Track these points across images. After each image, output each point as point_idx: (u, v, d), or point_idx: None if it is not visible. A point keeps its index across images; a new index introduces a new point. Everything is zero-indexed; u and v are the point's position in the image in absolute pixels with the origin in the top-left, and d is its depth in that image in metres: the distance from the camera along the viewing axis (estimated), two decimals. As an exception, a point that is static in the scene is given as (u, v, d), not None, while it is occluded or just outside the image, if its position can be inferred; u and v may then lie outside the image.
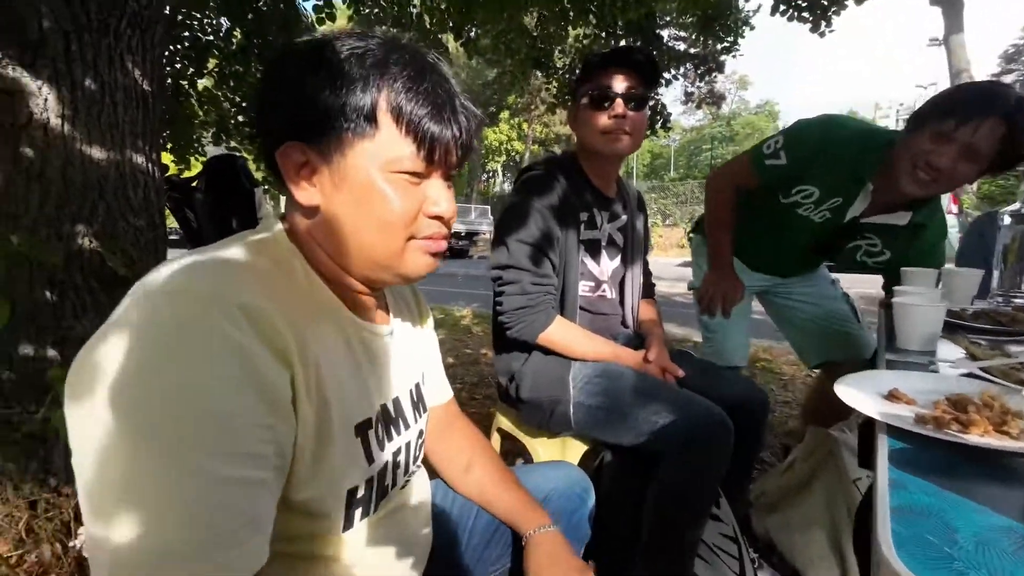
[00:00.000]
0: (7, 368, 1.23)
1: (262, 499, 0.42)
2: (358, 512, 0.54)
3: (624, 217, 1.26)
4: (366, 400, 0.55)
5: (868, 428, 0.96)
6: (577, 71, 1.23)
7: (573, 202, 1.15)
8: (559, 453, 1.19)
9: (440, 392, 0.82)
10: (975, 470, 0.47)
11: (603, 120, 1.12)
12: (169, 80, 2.92)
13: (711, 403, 0.98)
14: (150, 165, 1.48)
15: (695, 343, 3.66)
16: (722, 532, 1.11)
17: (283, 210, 0.57)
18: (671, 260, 12.14)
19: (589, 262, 1.19)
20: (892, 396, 0.61)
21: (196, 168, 3.48)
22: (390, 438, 0.59)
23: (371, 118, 0.48)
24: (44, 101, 1.21)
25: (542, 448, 1.20)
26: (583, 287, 1.19)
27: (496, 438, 1.38)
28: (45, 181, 1.23)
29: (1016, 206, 1.52)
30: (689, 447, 0.94)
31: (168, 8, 1.50)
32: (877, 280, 1.46)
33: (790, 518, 1.34)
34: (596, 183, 1.21)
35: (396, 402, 0.61)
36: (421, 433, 0.67)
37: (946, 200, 7.54)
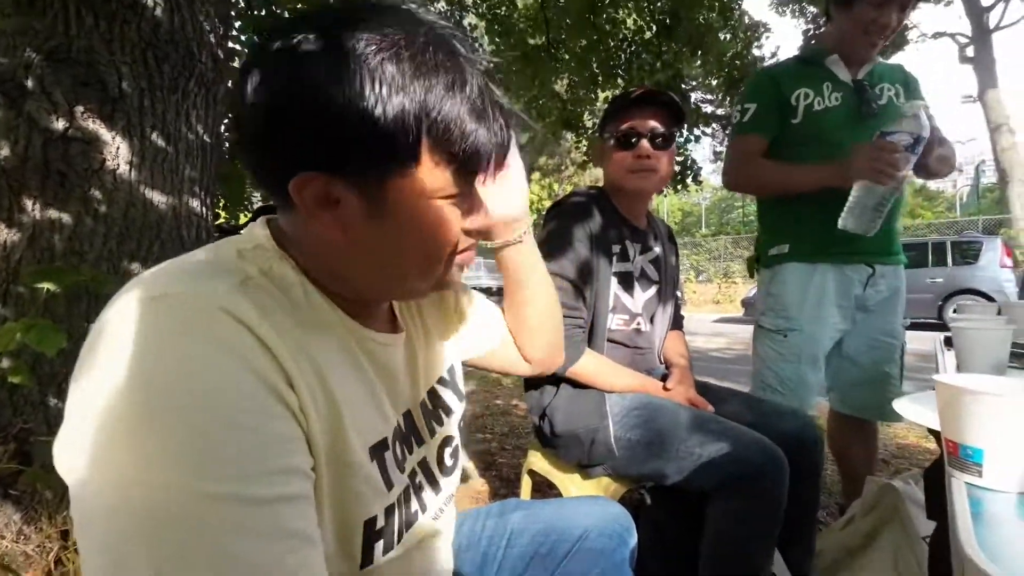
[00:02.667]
0: (55, 397, 1.27)
1: (307, 513, 0.37)
2: (379, 546, 0.48)
3: (657, 250, 1.26)
4: (381, 418, 0.50)
5: (934, 476, 0.87)
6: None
7: (605, 234, 1.15)
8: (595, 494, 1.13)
9: (500, 321, 0.78)
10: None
11: (629, 159, 1.15)
12: (227, 144, 3.17)
13: (762, 436, 0.92)
14: (204, 209, 1.58)
15: (736, 397, 3.48)
16: (776, 590, 1.01)
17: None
18: (706, 316, 11.84)
19: (623, 295, 1.18)
20: None
21: (245, 220, 3.70)
22: (406, 457, 0.54)
23: (416, 140, 0.39)
24: (116, 149, 1.33)
25: (576, 489, 1.14)
26: (617, 320, 1.17)
27: (527, 481, 1.33)
28: (110, 221, 1.33)
29: None
30: (739, 482, 0.88)
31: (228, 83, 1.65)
32: (932, 336, 1.34)
33: (853, 581, 1.21)
34: (627, 216, 1.22)
35: (407, 416, 0.56)
36: (449, 440, 0.62)
37: (999, 253, 7.26)
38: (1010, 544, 0.34)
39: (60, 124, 1.24)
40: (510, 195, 0.64)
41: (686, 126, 5.57)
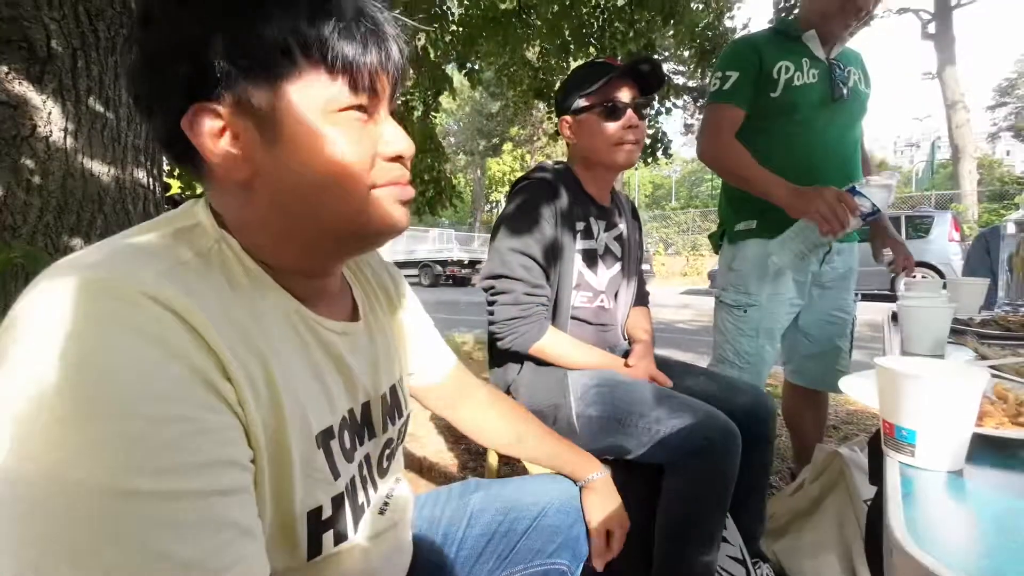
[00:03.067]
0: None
1: (245, 506, 0.36)
2: (328, 537, 0.47)
3: (621, 227, 1.25)
4: (328, 406, 0.48)
5: (878, 444, 0.92)
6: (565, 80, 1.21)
7: (570, 212, 1.14)
8: (557, 470, 1.15)
9: (442, 362, 0.79)
10: (991, 460, 0.44)
11: (615, 131, 1.11)
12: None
13: (715, 409, 0.95)
14: (151, 180, 1.49)
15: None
16: (729, 555, 1.06)
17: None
18: (674, 288, 12.11)
19: (586, 272, 1.18)
20: None
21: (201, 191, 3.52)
22: (356, 448, 0.52)
23: (285, 50, 0.40)
24: (48, 114, 1.23)
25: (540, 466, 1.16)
26: (581, 298, 1.18)
27: (493, 456, 1.34)
28: (45, 193, 1.24)
29: (1020, 214, 1.52)
30: (692, 456, 0.90)
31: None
32: (885, 308, 1.41)
33: (799, 543, 1.28)
34: (592, 193, 1.20)
35: (366, 407, 0.55)
36: (389, 443, 0.60)
37: (948, 227, 7.62)
38: (937, 522, 0.36)
39: (-19, 86, 1.14)
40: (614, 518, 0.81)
41: (657, 99, 5.55)
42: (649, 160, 5.69)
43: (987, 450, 0.45)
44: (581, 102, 1.14)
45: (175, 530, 0.31)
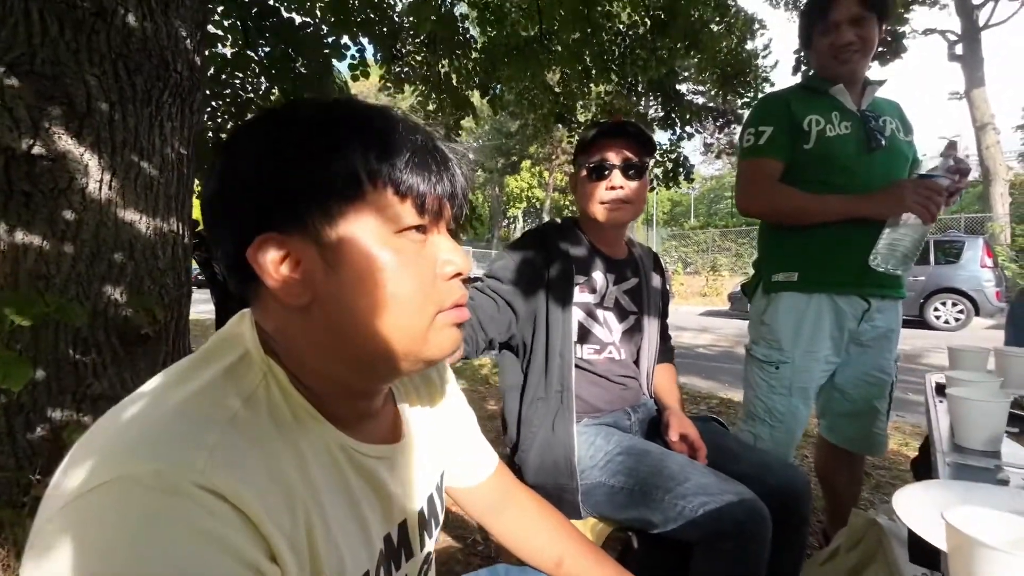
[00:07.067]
0: (23, 428, 1.22)
1: None
2: None
3: (635, 280, 1.23)
4: (365, 546, 0.47)
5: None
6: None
7: (567, 264, 1.13)
8: (581, 537, 1.11)
9: (484, 463, 0.73)
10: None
11: (602, 191, 1.14)
12: (210, 133, 3.06)
13: (745, 489, 0.91)
14: (180, 224, 1.52)
15: (721, 399, 3.52)
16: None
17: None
18: (693, 308, 11.94)
19: (591, 325, 1.16)
20: None
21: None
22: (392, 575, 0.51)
23: (355, 181, 0.41)
24: (85, 167, 1.26)
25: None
26: (588, 350, 1.16)
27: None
28: (79, 242, 1.26)
29: None
30: (721, 538, 0.87)
31: (211, 70, 1.57)
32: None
33: (836, 617, 1.22)
34: (600, 247, 1.20)
35: (403, 528, 0.53)
36: (427, 557, 0.59)
37: (980, 252, 7.39)
38: None
39: (24, 142, 1.17)
40: None
41: (679, 123, 5.53)
42: (671, 185, 5.66)
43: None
44: (579, 160, 1.19)
45: None
